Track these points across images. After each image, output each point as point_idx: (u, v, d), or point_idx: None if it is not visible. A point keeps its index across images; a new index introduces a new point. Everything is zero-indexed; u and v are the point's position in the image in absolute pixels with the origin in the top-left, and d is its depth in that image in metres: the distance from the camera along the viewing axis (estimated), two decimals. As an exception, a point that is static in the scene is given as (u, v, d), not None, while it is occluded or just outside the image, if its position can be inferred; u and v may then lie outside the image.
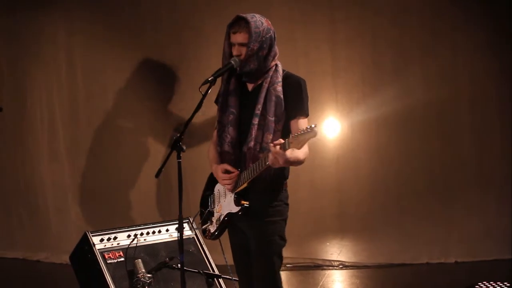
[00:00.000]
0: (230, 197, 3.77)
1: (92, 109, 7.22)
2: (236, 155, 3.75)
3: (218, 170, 3.79)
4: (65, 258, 7.06)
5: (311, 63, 6.68)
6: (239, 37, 3.67)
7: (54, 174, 7.35)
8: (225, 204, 3.80)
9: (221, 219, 3.80)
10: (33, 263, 7.32)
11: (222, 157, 3.82)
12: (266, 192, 3.71)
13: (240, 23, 3.67)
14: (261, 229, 3.71)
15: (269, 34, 3.68)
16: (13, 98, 7.28)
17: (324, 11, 6.76)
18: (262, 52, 3.67)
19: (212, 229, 3.84)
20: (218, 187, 3.86)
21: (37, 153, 7.42)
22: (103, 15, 7.13)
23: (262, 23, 3.67)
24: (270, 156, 3.44)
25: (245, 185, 3.71)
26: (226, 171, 3.75)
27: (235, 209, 3.73)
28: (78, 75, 7.21)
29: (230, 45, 3.73)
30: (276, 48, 3.76)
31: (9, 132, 7.52)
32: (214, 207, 3.88)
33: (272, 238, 3.72)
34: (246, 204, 3.70)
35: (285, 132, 3.68)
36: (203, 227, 3.88)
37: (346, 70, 6.77)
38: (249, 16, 3.67)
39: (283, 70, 3.77)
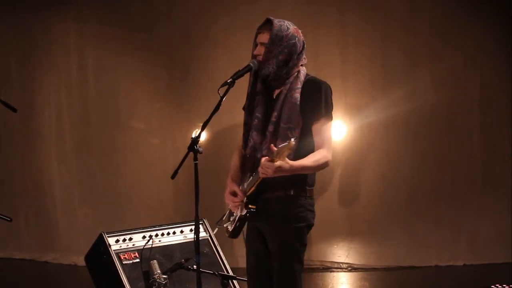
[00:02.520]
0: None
1: (102, 109, 7.21)
2: (255, 161, 3.68)
3: (228, 187, 3.77)
4: (73, 259, 7.10)
5: (321, 65, 6.64)
6: (261, 37, 3.66)
7: (62, 175, 7.33)
8: (241, 206, 3.78)
9: (235, 220, 3.79)
10: (41, 264, 7.30)
11: (243, 161, 3.78)
12: (285, 198, 3.64)
13: (266, 25, 3.66)
14: (279, 234, 3.64)
15: (293, 41, 3.62)
16: (21, 98, 7.21)
17: (334, 13, 6.76)
18: (282, 56, 3.62)
19: (230, 228, 3.83)
20: (242, 188, 3.82)
21: (45, 154, 7.40)
22: (114, 16, 7.14)
23: (287, 28, 3.62)
24: (260, 168, 3.45)
25: (252, 189, 3.67)
26: (234, 193, 3.73)
27: (244, 212, 3.72)
28: (88, 75, 7.20)
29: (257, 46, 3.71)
30: (302, 57, 3.69)
31: (17, 133, 7.51)
32: None
33: (291, 244, 3.65)
34: (253, 208, 3.67)
35: (304, 138, 3.62)
36: (225, 225, 3.86)
37: (356, 73, 6.77)
38: (276, 19, 3.64)
39: (307, 75, 3.71)
